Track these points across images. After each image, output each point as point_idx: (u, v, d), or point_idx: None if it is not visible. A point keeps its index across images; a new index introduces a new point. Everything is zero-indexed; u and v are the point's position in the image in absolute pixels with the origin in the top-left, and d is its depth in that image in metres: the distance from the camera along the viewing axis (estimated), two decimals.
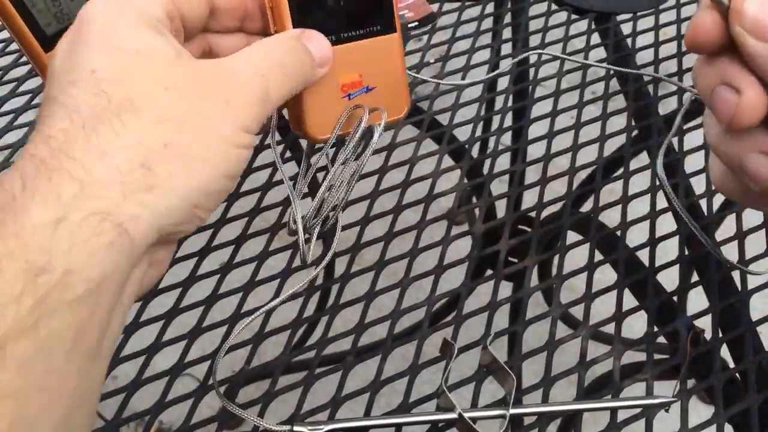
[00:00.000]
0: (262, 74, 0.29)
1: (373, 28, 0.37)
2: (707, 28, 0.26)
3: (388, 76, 0.39)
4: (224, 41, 0.35)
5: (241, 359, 0.38)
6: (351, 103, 0.37)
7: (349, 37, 0.37)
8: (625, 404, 0.36)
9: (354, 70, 0.38)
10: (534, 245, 0.43)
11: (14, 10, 0.41)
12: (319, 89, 0.36)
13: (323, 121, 0.37)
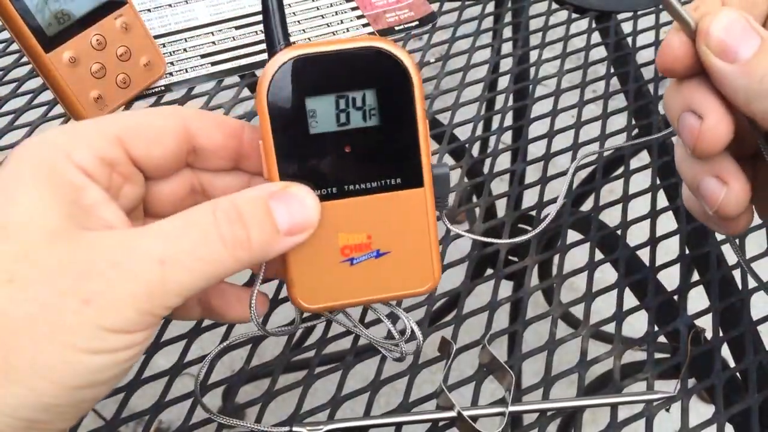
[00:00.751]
0: (160, 260, 0.23)
1: (390, 181, 0.30)
2: (676, 49, 0.27)
3: (410, 240, 0.31)
4: (219, 181, 0.30)
5: (240, 359, 0.38)
6: (353, 269, 0.31)
7: (356, 190, 0.30)
8: (624, 400, 0.36)
9: (361, 229, 0.30)
10: (534, 245, 0.43)
11: (15, 10, 0.41)
12: (311, 250, 0.30)
13: (316, 289, 0.31)
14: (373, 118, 0.29)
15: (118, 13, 0.46)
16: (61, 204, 0.24)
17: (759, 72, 0.25)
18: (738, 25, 0.25)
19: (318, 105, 0.29)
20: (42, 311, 0.22)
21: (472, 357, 0.39)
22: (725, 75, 0.26)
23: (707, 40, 0.26)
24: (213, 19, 0.56)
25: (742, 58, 0.25)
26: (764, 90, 0.25)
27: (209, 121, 0.28)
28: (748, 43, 0.25)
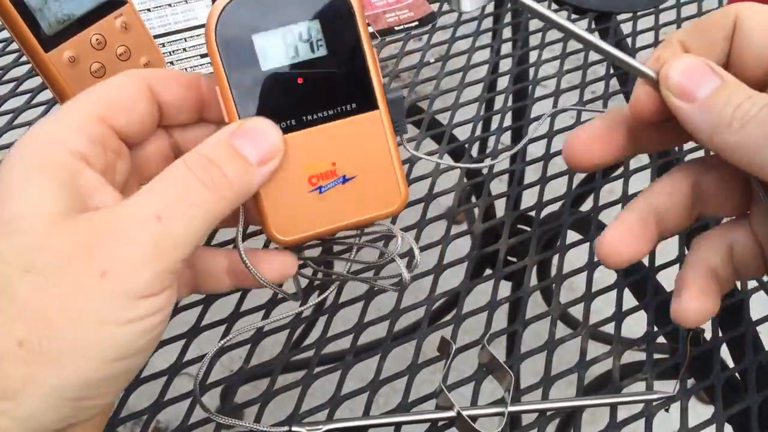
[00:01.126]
0: (157, 215, 0.24)
1: (346, 107, 0.31)
2: (643, 99, 0.30)
3: (373, 162, 0.32)
4: (189, 134, 0.32)
5: (239, 359, 0.38)
6: (323, 197, 0.31)
7: (315, 119, 0.31)
8: (623, 400, 0.36)
9: (324, 157, 0.31)
10: (533, 245, 0.43)
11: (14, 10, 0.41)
12: (279, 183, 0.31)
13: (289, 221, 0.32)
14: (320, 48, 0.31)
15: (117, 12, 0.46)
16: (60, 190, 0.24)
17: (717, 106, 0.27)
18: (695, 69, 0.28)
19: (266, 41, 0.30)
20: (65, 294, 0.23)
21: (471, 357, 0.39)
22: (687, 113, 0.28)
23: (667, 84, 0.28)
24: None
25: (700, 97, 0.28)
26: (723, 122, 0.27)
27: (166, 77, 0.30)
28: (706, 83, 0.28)
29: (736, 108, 0.27)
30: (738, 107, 0.27)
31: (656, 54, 0.30)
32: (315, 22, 0.31)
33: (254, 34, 0.30)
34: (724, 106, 0.27)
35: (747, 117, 0.26)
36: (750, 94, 0.27)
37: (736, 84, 0.27)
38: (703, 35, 0.29)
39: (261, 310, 0.39)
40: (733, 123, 0.26)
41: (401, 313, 0.39)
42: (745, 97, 0.27)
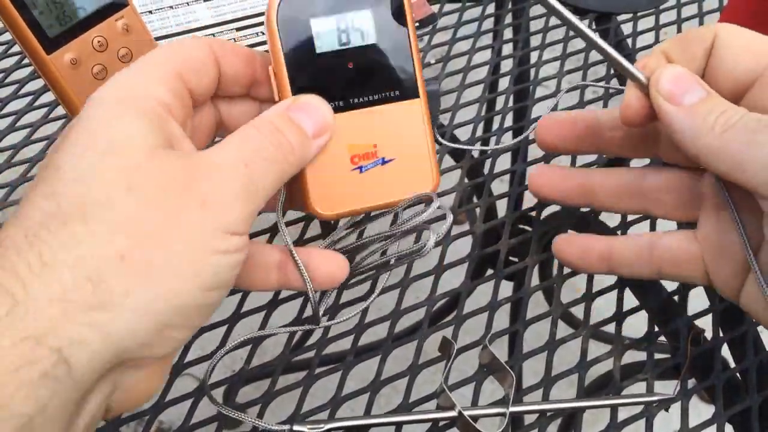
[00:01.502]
0: (245, 163, 0.27)
1: (390, 93, 0.34)
2: (633, 103, 0.32)
3: (410, 146, 0.34)
4: (235, 109, 0.33)
5: (240, 359, 0.38)
6: (363, 177, 0.34)
7: (360, 102, 0.33)
8: (624, 401, 0.36)
9: (367, 139, 0.33)
10: (534, 245, 0.43)
11: (17, 12, 0.41)
12: (323, 160, 0.33)
13: (330, 197, 0.34)
14: (370, 36, 0.33)
15: (119, 14, 0.46)
16: (153, 129, 0.26)
17: (703, 111, 0.30)
18: (684, 78, 0.31)
19: (322, 26, 0.32)
20: (167, 215, 0.24)
21: (472, 357, 0.39)
22: (673, 116, 0.30)
23: (658, 87, 0.31)
24: (214, 20, 0.56)
25: (687, 103, 0.30)
26: (707, 126, 0.29)
27: (229, 48, 0.31)
28: (694, 92, 0.30)
29: (720, 114, 0.29)
30: (722, 114, 0.29)
31: (642, 62, 0.33)
32: (368, 12, 0.33)
33: (312, 18, 0.32)
34: (708, 114, 0.30)
35: (729, 123, 0.29)
36: (731, 105, 0.30)
37: (719, 97, 0.30)
38: (685, 48, 0.32)
39: (261, 311, 0.39)
40: (715, 128, 0.29)
41: (402, 314, 0.40)
42: (728, 106, 0.30)
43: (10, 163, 0.47)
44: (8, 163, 0.47)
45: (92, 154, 0.24)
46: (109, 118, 0.26)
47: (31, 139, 0.49)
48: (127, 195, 0.24)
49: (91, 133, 0.25)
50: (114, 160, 0.24)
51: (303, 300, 0.40)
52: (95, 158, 0.24)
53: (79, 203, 0.23)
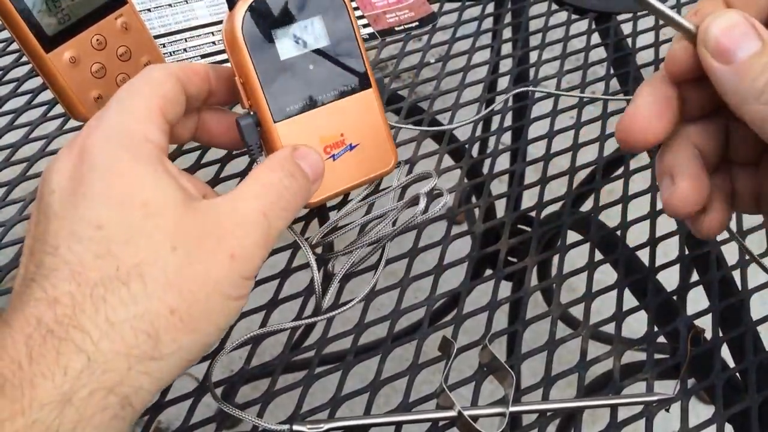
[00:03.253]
0: (264, 213, 0.29)
1: (347, 87, 0.38)
2: (679, 56, 0.28)
3: (371, 131, 0.39)
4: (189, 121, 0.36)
5: (240, 359, 0.38)
6: (336, 163, 0.38)
7: (324, 98, 0.38)
8: (624, 401, 0.36)
9: (335, 130, 0.38)
10: (534, 245, 0.43)
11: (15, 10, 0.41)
12: None
13: None
14: (323, 39, 0.37)
15: (118, 12, 0.46)
16: (171, 182, 0.28)
17: (752, 73, 0.25)
18: (738, 29, 0.26)
19: (282, 35, 0.36)
20: (205, 269, 0.27)
21: (471, 357, 0.39)
22: (721, 76, 0.26)
23: (705, 43, 0.26)
24: (213, 18, 0.56)
25: (737, 59, 0.26)
26: (755, 90, 0.25)
27: (190, 71, 0.33)
28: (746, 45, 0.26)
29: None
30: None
31: (697, 7, 0.28)
32: (318, 18, 0.37)
33: (272, 29, 0.36)
34: (760, 74, 0.25)
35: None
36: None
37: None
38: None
39: (261, 311, 0.39)
40: (764, 94, 0.25)
41: (401, 314, 0.39)
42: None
43: (9, 161, 0.47)
44: (7, 162, 0.47)
45: (131, 215, 0.27)
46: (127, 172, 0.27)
47: (30, 137, 0.48)
48: (173, 255, 0.26)
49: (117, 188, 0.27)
50: (156, 221, 0.27)
51: (303, 299, 0.40)
52: (136, 219, 0.27)
53: (134, 264, 0.26)
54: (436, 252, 0.43)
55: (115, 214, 0.26)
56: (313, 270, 0.37)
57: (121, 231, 0.26)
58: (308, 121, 0.37)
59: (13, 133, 0.49)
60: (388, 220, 0.40)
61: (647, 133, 0.29)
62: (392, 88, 0.53)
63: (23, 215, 0.43)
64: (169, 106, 0.31)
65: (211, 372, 0.35)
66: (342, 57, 0.38)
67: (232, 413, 0.33)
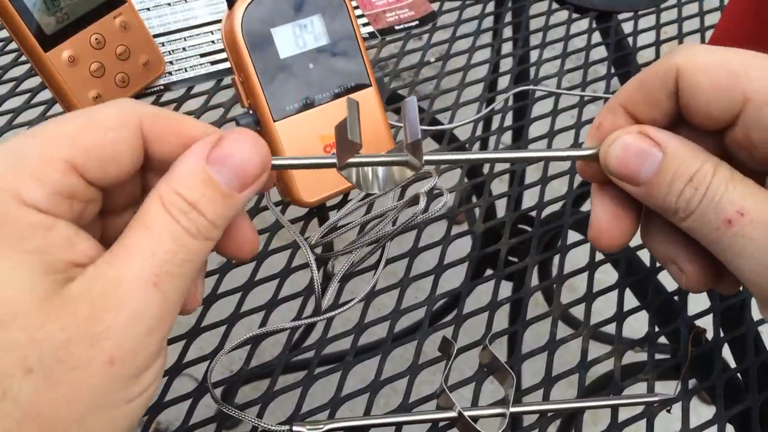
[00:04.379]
0: (154, 283, 0.22)
1: (347, 85, 0.38)
2: (589, 172, 0.28)
3: (371, 130, 0.39)
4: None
5: (239, 359, 0.38)
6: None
7: (324, 97, 0.37)
8: (625, 402, 0.36)
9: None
10: (534, 245, 0.43)
11: (14, 9, 0.41)
12: (302, 153, 0.37)
13: (311, 185, 0.38)
14: (323, 38, 0.37)
15: (117, 12, 0.46)
16: (33, 262, 0.21)
17: (661, 194, 0.25)
18: (632, 150, 0.26)
19: (281, 34, 0.36)
20: (71, 389, 0.21)
21: (472, 357, 0.39)
22: (637, 196, 0.26)
23: (608, 171, 0.26)
24: (212, 18, 0.56)
25: (643, 180, 0.26)
26: (669, 209, 0.25)
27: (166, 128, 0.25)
28: (646, 164, 0.25)
29: (679, 197, 0.25)
30: (680, 196, 0.25)
31: (597, 121, 0.28)
32: (318, 16, 0.37)
33: (272, 28, 0.36)
34: (667, 195, 0.25)
35: (690, 208, 0.25)
36: (692, 173, 0.25)
37: (679, 156, 0.25)
38: (646, 95, 0.26)
39: (261, 311, 0.39)
40: (678, 212, 0.25)
41: (401, 314, 0.39)
42: (686, 179, 0.25)
43: None
44: None
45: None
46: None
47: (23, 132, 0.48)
48: (28, 378, 0.20)
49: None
50: (9, 334, 0.20)
51: (303, 299, 0.40)
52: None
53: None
54: (436, 252, 0.42)
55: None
56: (313, 270, 0.37)
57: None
58: (308, 120, 0.37)
59: (13, 133, 0.49)
60: (388, 220, 0.39)
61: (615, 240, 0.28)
62: (392, 87, 0.52)
63: None
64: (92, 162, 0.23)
65: (210, 372, 0.35)
66: (342, 56, 0.38)
67: (232, 414, 0.33)
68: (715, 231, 0.24)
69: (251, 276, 0.40)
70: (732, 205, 0.24)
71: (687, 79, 0.25)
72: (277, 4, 0.36)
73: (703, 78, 0.25)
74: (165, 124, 0.25)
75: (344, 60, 0.38)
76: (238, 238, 0.27)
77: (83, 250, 0.23)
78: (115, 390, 0.22)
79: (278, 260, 0.41)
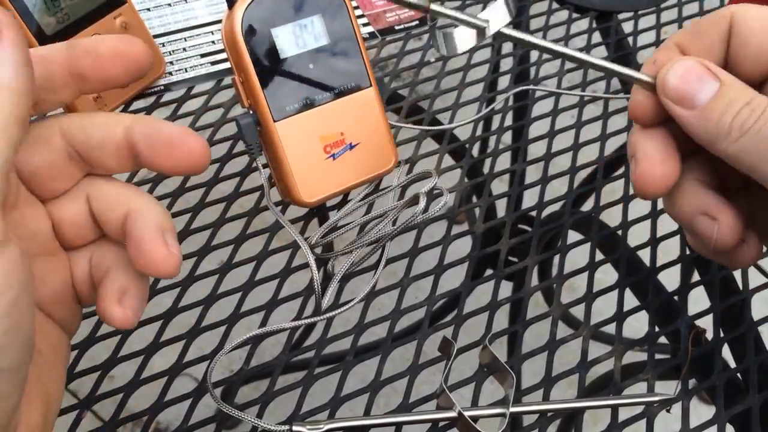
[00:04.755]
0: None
1: (347, 86, 0.38)
2: (642, 103, 0.29)
3: (371, 130, 0.39)
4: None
5: (239, 359, 0.38)
6: (336, 163, 0.38)
7: (325, 97, 0.37)
8: (625, 402, 0.36)
9: (335, 129, 0.38)
10: (534, 245, 0.43)
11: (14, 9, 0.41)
12: (302, 154, 0.37)
13: (311, 185, 0.38)
14: (323, 38, 0.37)
15: (117, 12, 0.46)
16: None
17: (716, 114, 0.27)
18: (693, 73, 0.27)
19: (281, 34, 0.36)
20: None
21: (472, 357, 0.39)
22: (687, 121, 0.27)
23: (666, 92, 0.27)
24: (212, 18, 0.56)
25: (699, 103, 0.27)
26: (722, 131, 0.26)
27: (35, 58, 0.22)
28: (705, 88, 0.27)
29: (735, 116, 0.26)
30: (737, 115, 0.26)
31: (654, 57, 0.29)
32: (318, 16, 0.37)
33: (272, 28, 0.36)
34: (723, 115, 0.26)
35: (745, 127, 0.26)
36: (748, 99, 0.26)
37: (735, 86, 0.27)
38: (700, 37, 0.29)
39: (261, 311, 0.39)
40: (732, 132, 0.26)
41: (402, 314, 0.39)
42: (743, 103, 0.26)
43: None
44: None
45: None
46: None
47: None
48: None
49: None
50: None
51: (303, 299, 0.40)
52: None
53: None
54: (437, 252, 0.42)
55: None
56: (313, 270, 0.37)
57: None
58: (308, 121, 0.37)
59: None
60: (388, 220, 0.39)
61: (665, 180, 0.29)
62: (392, 87, 0.52)
63: None
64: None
65: (210, 372, 0.35)
66: (342, 56, 0.38)
67: (232, 414, 0.33)
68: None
69: (251, 276, 0.40)
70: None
71: (740, 24, 0.28)
72: (277, 4, 0.36)
73: (755, 24, 0.27)
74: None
75: (344, 60, 0.38)
76: (165, 144, 0.24)
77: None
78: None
79: (278, 260, 0.41)
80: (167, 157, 0.24)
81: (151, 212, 0.24)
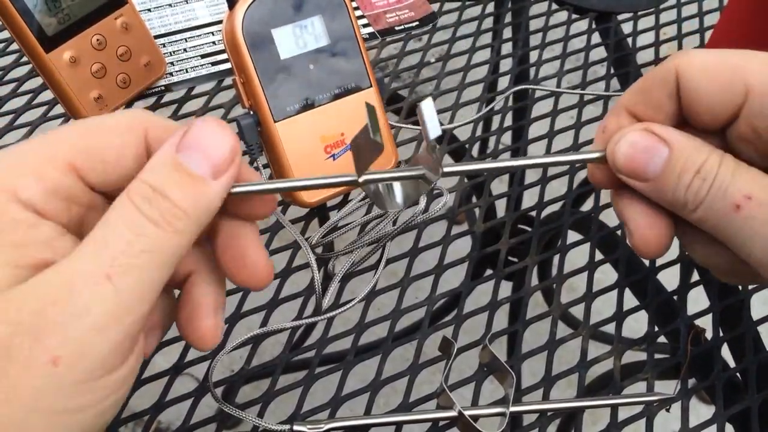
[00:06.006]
0: (106, 275, 0.20)
1: (347, 86, 0.38)
2: (599, 176, 0.28)
3: None
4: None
5: (240, 359, 0.38)
6: (337, 163, 0.38)
7: (325, 97, 0.38)
8: (624, 401, 0.36)
9: (335, 129, 0.38)
10: (534, 245, 0.43)
11: (15, 10, 0.41)
12: (303, 155, 0.37)
13: None
14: (323, 39, 0.37)
15: (118, 12, 0.46)
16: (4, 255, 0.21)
17: (669, 187, 0.26)
18: (639, 145, 0.26)
19: (281, 35, 0.36)
20: (12, 389, 0.19)
21: (472, 357, 0.39)
22: (645, 192, 0.26)
23: (616, 168, 0.27)
24: (213, 18, 0.56)
25: (651, 176, 0.26)
26: (678, 203, 0.26)
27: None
28: (653, 160, 0.26)
29: (686, 190, 0.25)
30: (688, 189, 0.25)
31: (602, 125, 0.28)
32: (318, 17, 0.37)
33: (272, 29, 0.36)
34: (675, 189, 0.25)
35: (698, 199, 0.25)
36: (698, 166, 0.25)
37: (685, 150, 0.26)
38: (648, 96, 0.27)
39: (261, 311, 0.39)
40: (687, 204, 0.25)
41: (402, 314, 0.39)
42: (694, 172, 0.25)
43: None
44: None
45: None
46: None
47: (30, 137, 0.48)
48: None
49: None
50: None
51: (303, 299, 0.40)
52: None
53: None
54: (437, 252, 0.43)
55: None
56: (313, 270, 0.37)
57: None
58: (308, 121, 0.37)
59: (14, 134, 0.49)
60: (388, 220, 0.39)
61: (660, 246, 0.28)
62: (392, 87, 0.52)
63: None
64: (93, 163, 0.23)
65: (211, 372, 0.35)
66: (342, 56, 0.38)
67: (233, 413, 0.33)
68: (725, 218, 0.25)
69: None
70: (739, 192, 0.24)
71: (687, 78, 0.26)
72: (277, 4, 0.36)
73: (703, 75, 0.26)
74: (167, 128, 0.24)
75: (344, 61, 0.38)
76: (246, 262, 0.26)
77: (62, 250, 0.22)
78: (60, 395, 0.20)
79: (279, 260, 0.41)
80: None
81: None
